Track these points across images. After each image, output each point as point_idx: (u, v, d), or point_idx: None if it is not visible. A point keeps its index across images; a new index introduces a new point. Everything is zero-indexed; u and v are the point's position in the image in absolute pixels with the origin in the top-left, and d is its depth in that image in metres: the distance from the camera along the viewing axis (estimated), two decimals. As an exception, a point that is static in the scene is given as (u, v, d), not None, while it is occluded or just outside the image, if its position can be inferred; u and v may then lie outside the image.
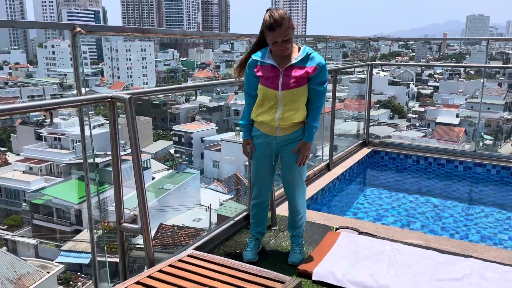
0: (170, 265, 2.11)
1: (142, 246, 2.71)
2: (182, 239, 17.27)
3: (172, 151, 32.74)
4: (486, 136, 29.75)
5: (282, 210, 3.59)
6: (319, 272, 2.59)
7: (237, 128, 31.91)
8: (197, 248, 2.87)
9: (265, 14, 2.40)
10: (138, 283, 1.95)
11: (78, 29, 1.90)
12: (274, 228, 3.28)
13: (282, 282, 1.96)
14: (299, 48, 2.52)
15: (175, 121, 39.61)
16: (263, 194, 2.79)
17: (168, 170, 26.33)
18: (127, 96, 2.05)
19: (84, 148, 2.06)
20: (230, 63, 67.01)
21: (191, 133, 32.49)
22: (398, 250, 2.82)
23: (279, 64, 2.47)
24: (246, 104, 2.67)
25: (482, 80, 6.15)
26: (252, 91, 2.60)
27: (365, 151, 5.48)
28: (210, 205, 19.26)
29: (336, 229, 3.23)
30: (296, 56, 2.48)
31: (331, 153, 4.69)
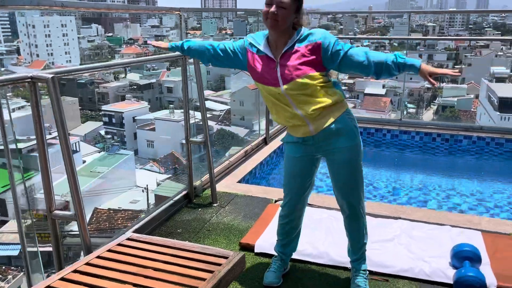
0: (109, 250, 2.03)
1: (76, 233, 2.59)
2: (119, 222, 16.88)
3: (102, 132, 31.45)
4: (409, 105, 31.67)
5: (222, 186, 3.59)
6: (261, 244, 2.64)
7: (171, 106, 31.25)
8: (136, 231, 2.80)
9: None
10: (75, 271, 1.86)
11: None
12: (215, 204, 3.28)
13: (226, 257, 1.97)
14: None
15: (104, 101, 37.90)
16: (296, 213, 2.29)
17: (99, 152, 25.34)
18: (49, 76, 1.90)
19: (4, 132, 1.89)
20: (159, 38, 64.82)
21: (122, 112, 31.36)
22: (335, 217, 2.94)
23: (273, 54, 2.00)
24: (208, 43, 2.21)
25: (405, 52, 6.48)
26: (221, 50, 2.15)
27: (300, 123, 5.59)
28: (147, 186, 18.91)
29: (275, 201, 3.30)
30: (290, 41, 1.97)
31: (268, 128, 4.75)
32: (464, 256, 2.33)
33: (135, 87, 40.12)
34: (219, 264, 1.93)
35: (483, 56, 40.24)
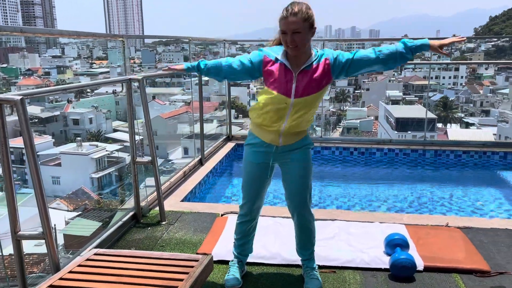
0: (80, 265, 2.08)
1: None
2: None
3: (-1, 171, 28.73)
4: (317, 128, 33.70)
5: (167, 205, 3.68)
6: (218, 252, 2.81)
7: (78, 138, 29.67)
8: (91, 252, 2.79)
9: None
10: (52, 286, 1.88)
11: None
12: (164, 222, 3.37)
13: (196, 260, 2.13)
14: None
15: None
16: (254, 212, 2.49)
17: (-4, 193, 23.08)
18: (18, 98, 1.95)
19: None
20: (62, 68, 61.66)
21: (22, 148, 29.02)
22: (280, 223, 3.21)
23: (292, 68, 2.17)
24: (224, 60, 2.32)
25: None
26: (238, 65, 2.26)
27: (230, 145, 5.87)
28: (55, 226, 17.56)
29: (222, 214, 3.48)
30: (308, 59, 2.18)
31: (203, 149, 4.94)
32: (395, 244, 2.73)
33: (36, 120, 37.58)
34: (192, 267, 2.08)
35: (379, 82, 44.47)
